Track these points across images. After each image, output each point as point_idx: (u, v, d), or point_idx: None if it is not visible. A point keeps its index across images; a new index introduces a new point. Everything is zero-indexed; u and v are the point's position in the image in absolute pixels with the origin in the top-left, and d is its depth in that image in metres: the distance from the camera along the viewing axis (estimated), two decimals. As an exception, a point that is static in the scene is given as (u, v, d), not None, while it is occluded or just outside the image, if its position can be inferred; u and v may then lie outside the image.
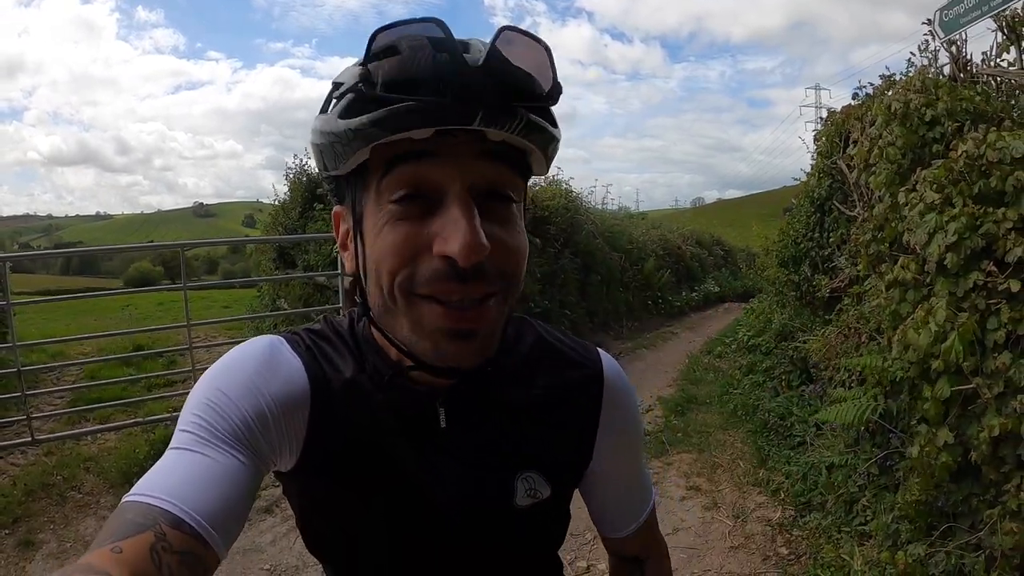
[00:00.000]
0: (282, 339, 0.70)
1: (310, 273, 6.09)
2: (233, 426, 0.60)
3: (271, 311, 7.16)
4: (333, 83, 0.61)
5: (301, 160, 7.21)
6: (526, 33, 0.56)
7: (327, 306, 5.73)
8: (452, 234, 0.54)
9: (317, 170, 0.68)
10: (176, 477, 0.56)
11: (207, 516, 0.53)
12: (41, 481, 3.83)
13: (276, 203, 7.65)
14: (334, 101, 0.60)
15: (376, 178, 0.59)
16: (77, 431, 4.48)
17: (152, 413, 4.85)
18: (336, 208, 0.69)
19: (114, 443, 4.41)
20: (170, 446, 0.60)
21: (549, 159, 0.64)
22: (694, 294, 12.29)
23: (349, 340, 0.71)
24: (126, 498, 0.54)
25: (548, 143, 0.61)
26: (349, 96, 0.57)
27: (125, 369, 5.92)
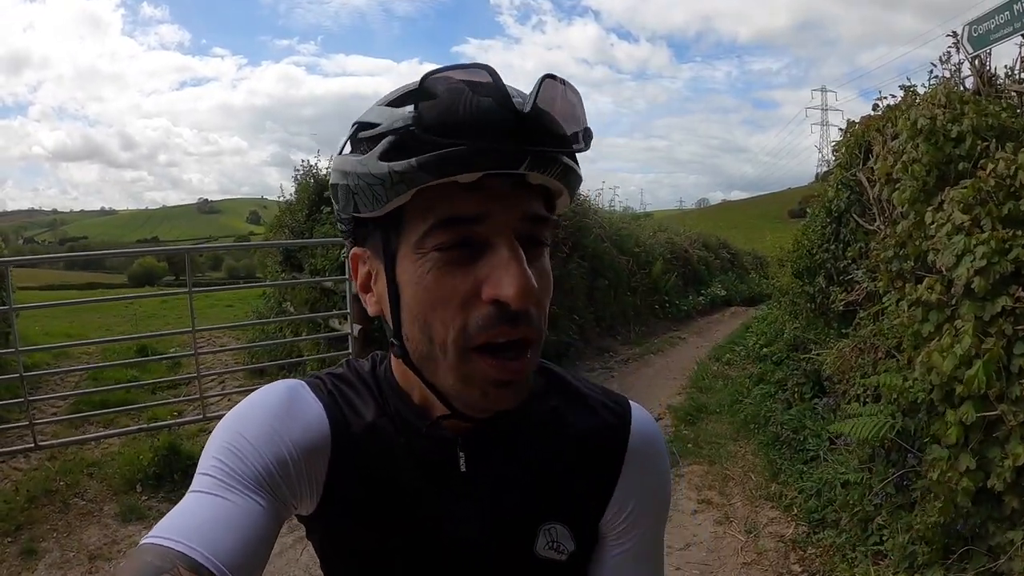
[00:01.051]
0: (303, 383, 0.70)
1: (317, 278, 6.03)
2: (254, 471, 0.60)
3: (276, 315, 7.10)
4: (359, 123, 0.61)
5: (308, 161, 7.15)
6: (563, 81, 0.57)
7: (333, 311, 5.68)
8: (504, 278, 0.55)
9: (337, 209, 0.66)
10: (196, 520, 0.55)
11: (226, 560, 0.52)
12: (44, 487, 3.81)
13: (282, 200, 7.59)
14: (369, 142, 0.58)
15: (415, 224, 0.58)
16: (80, 437, 4.44)
17: (156, 418, 4.82)
18: (355, 250, 0.67)
19: (118, 448, 4.38)
20: (190, 489, 0.60)
21: (572, 198, 0.66)
22: (700, 298, 12.19)
23: (371, 384, 0.71)
24: (144, 540, 0.54)
25: (576, 183, 0.63)
26: (390, 138, 0.56)
27: (129, 371, 5.89)
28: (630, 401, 0.77)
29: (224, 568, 0.52)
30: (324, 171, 6.90)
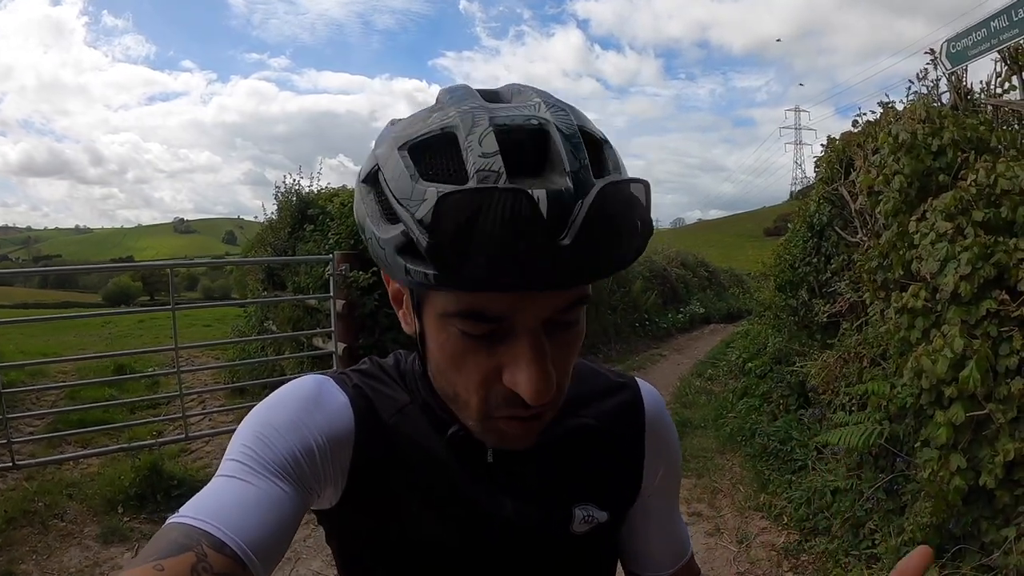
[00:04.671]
0: (328, 377, 0.71)
1: (301, 296, 5.94)
2: (280, 457, 0.61)
3: (259, 334, 6.99)
4: (378, 165, 0.55)
5: (291, 178, 7.04)
6: (628, 183, 0.50)
7: (317, 329, 5.62)
8: (521, 375, 0.54)
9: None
10: (221, 502, 0.57)
11: (249, 541, 0.54)
12: (22, 508, 3.69)
13: (263, 220, 7.47)
14: (384, 205, 0.54)
15: (440, 298, 0.55)
16: (59, 456, 4.33)
17: (136, 437, 4.72)
18: None
19: (97, 468, 4.28)
20: (217, 474, 0.61)
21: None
22: (680, 316, 12.33)
23: (396, 376, 0.73)
24: (171, 519, 0.55)
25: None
26: (403, 238, 0.51)
27: (107, 390, 5.76)
28: (635, 378, 0.82)
29: (246, 548, 0.53)
30: (307, 189, 6.84)
